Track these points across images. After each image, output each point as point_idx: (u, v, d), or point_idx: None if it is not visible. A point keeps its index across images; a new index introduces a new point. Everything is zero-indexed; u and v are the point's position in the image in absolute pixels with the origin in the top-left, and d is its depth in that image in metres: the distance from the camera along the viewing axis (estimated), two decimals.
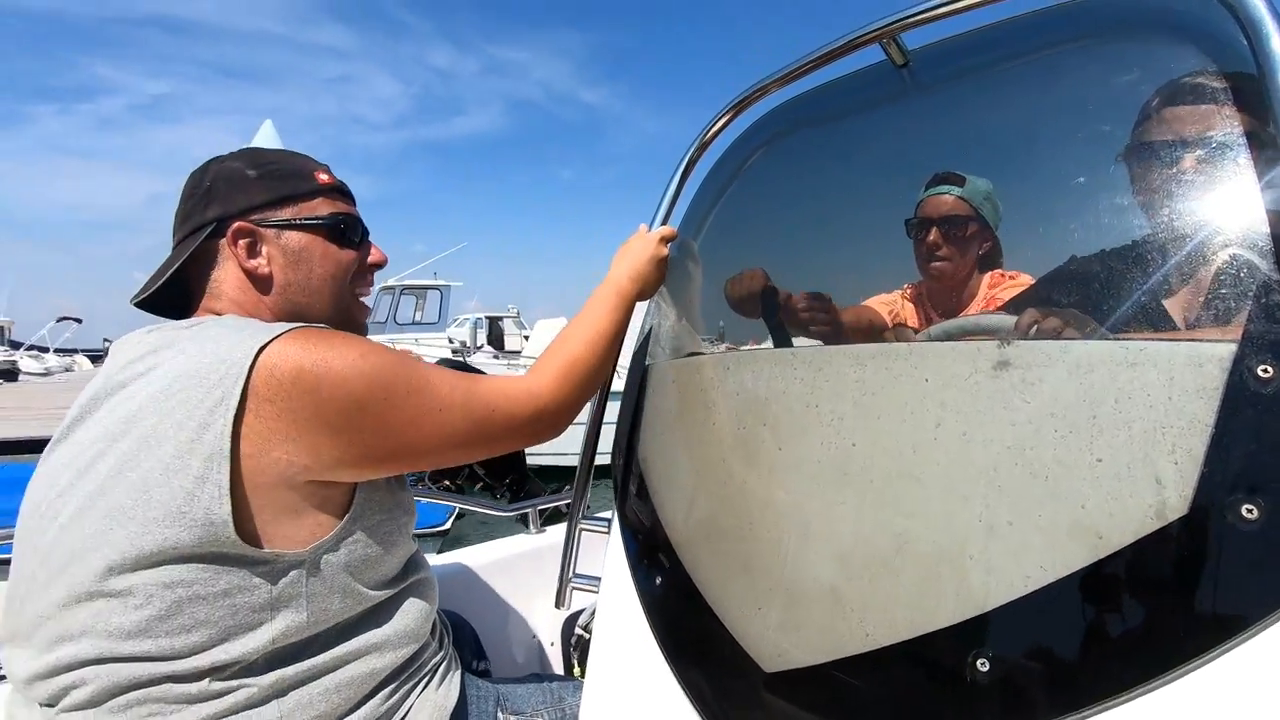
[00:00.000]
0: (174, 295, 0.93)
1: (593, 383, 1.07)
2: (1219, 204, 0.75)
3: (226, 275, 0.91)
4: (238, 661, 0.77)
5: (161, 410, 0.75)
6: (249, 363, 0.74)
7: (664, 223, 1.25)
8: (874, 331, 0.98)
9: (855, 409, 0.74)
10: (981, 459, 0.64)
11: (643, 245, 1.19)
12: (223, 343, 0.78)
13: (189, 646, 0.75)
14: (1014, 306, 0.98)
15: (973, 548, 0.63)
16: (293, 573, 0.79)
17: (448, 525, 6.48)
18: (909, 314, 1.06)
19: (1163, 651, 0.56)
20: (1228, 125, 0.73)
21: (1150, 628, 0.57)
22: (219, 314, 0.90)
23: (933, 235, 1.01)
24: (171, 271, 0.89)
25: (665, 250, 1.21)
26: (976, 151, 1.02)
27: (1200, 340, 0.60)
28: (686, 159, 1.25)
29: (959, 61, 1.00)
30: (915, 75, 1.03)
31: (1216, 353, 0.58)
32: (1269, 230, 0.62)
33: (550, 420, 0.98)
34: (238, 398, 0.73)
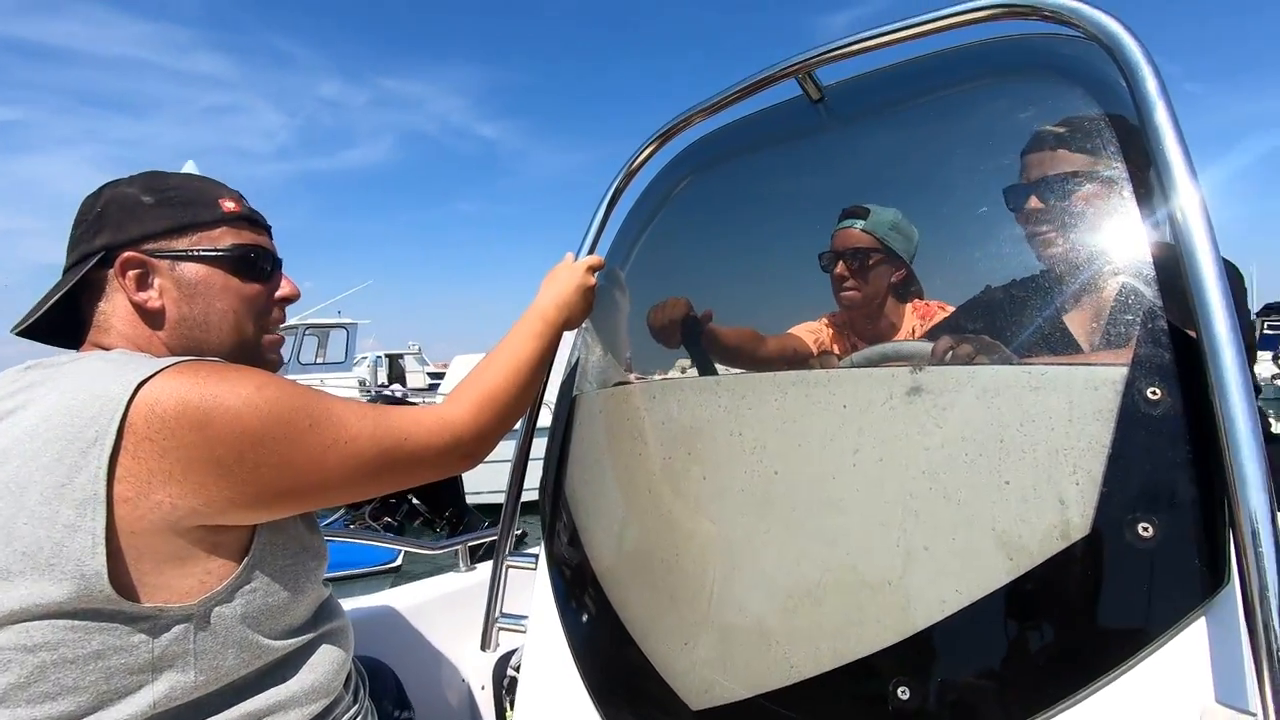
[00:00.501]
0: (63, 325, 0.86)
1: (513, 411, 1.03)
2: (1107, 236, 0.80)
3: (115, 308, 0.83)
4: None
5: (27, 453, 0.68)
6: (127, 398, 0.69)
7: (590, 251, 1.24)
8: (798, 359, 1.00)
9: (777, 436, 0.74)
10: (898, 485, 0.65)
11: (569, 274, 1.17)
12: (100, 378, 0.71)
13: (53, 717, 0.67)
14: (931, 334, 1.02)
15: (892, 574, 0.64)
16: (177, 628, 0.72)
17: (398, 562, 6.23)
18: (831, 341, 1.08)
19: (1073, 669, 0.57)
20: (1111, 162, 0.78)
21: (1059, 647, 0.59)
22: (106, 348, 0.83)
23: (839, 267, 1.03)
24: (52, 301, 0.82)
25: (592, 279, 1.20)
26: (888, 182, 1.06)
27: (1095, 364, 0.63)
28: (613, 188, 1.25)
29: (870, 97, 1.04)
30: (830, 109, 1.06)
31: (1110, 376, 0.61)
32: (1151, 260, 0.66)
33: (466, 450, 0.93)
34: (113, 437, 0.67)
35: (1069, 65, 0.81)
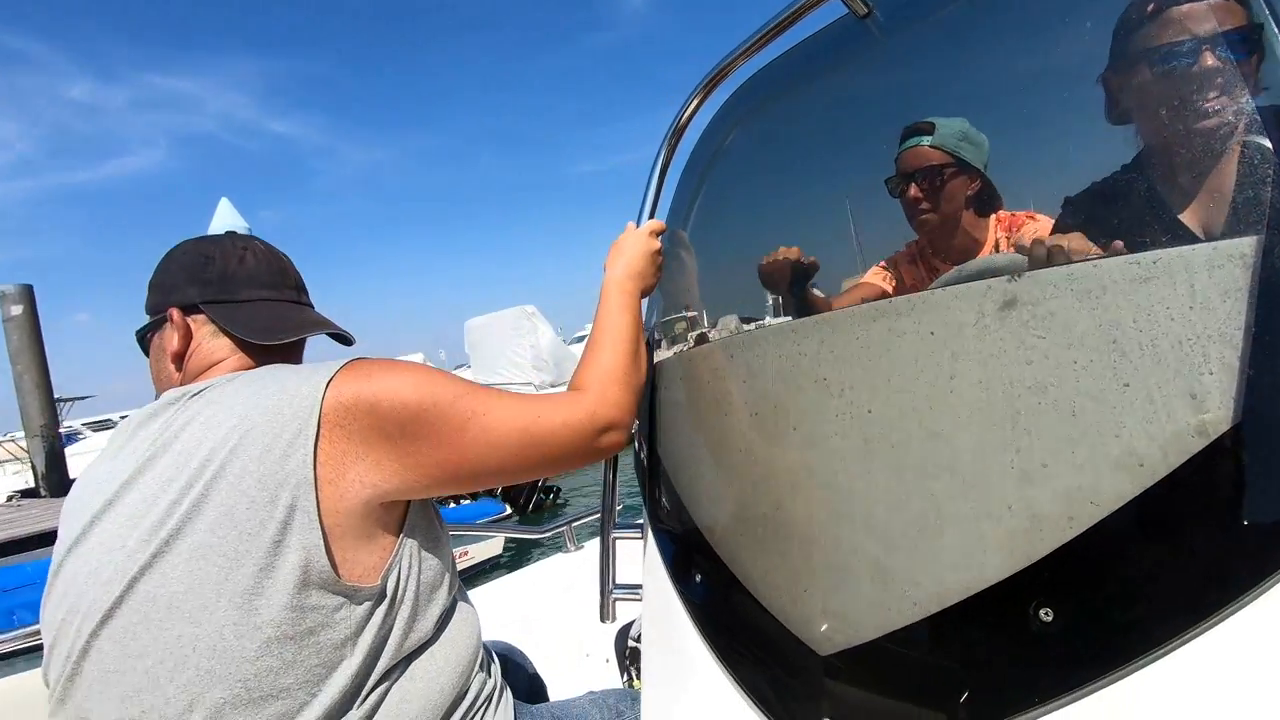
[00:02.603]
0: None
1: (634, 380, 1.05)
2: (1215, 103, 0.71)
3: (221, 343, 0.96)
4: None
5: (232, 449, 0.77)
6: (320, 395, 0.80)
7: (650, 216, 1.22)
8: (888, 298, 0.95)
9: (864, 374, 0.71)
10: (1003, 405, 0.61)
11: (635, 241, 1.17)
12: (288, 383, 0.82)
13: (279, 688, 0.75)
14: (1020, 245, 0.95)
15: (1010, 497, 0.60)
16: (367, 603, 0.81)
17: (498, 551, 6.83)
18: (910, 275, 1.02)
19: (1237, 573, 0.52)
20: (1209, 22, 0.69)
21: (1217, 549, 0.54)
22: (223, 372, 0.93)
23: (912, 190, 0.97)
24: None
25: (658, 243, 1.19)
26: (953, 91, 0.98)
27: (1217, 240, 0.57)
28: (663, 150, 1.23)
29: (918, 3, 0.97)
30: (880, 24, 1.00)
31: (1237, 249, 0.55)
32: (1270, 119, 0.59)
33: (603, 421, 0.97)
34: (315, 427, 0.78)
35: None
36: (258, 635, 0.74)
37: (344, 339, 1.09)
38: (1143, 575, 0.56)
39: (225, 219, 1.09)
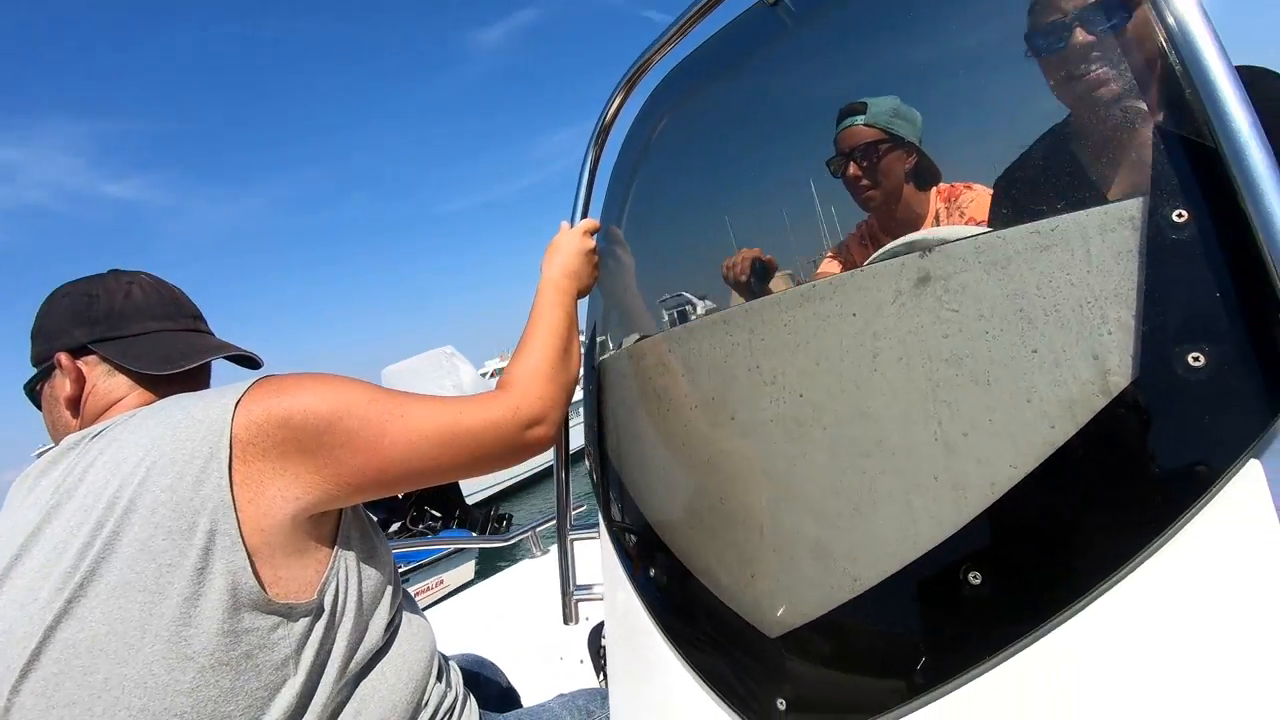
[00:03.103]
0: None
1: (564, 377, 1.05)
2: (1103, 74, 0.74)
3: (117, 383, 0.93)
4: None
5: (141, 480, 0.75)
6: (229, 417, 0.78)
7: (583, 216, 1.22)
8: None
9: (793, 360, 0.73)
10: (923, 380, 0.63)
11: (569, 240, 1.17)
12: (192, 409, 0.80)
13: (220, 716, 0.74)
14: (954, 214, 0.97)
15: (936, 468, 0.62)
16: (304, 620, 0.80)
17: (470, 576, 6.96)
18: (861, 256, 1.04)
19: (1146, 517, 0.55)
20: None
21: (1128, 498, 0.56)
22: (123, 410, 0.90)
23: (851, 169, 1.00)
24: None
25: (592, 242, 1.19)
26: (872, 71, 1.00)
27: (1108, 203, 0.59)
28: (590, 149, 1.23)
29: None
30: (790, 10, 1.01)
31: (1125, 212, 0.57)
32: (1155, 79, 0.61)
33: (528, 418, 0.96)
34: (227, 449, 0.77)
35: None
36: (191, 666, 0.72)
37: (251, 362, 1.05)
38: (1062, 530, 0.58)
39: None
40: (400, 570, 0.98)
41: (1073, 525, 0.57)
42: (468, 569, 7.39)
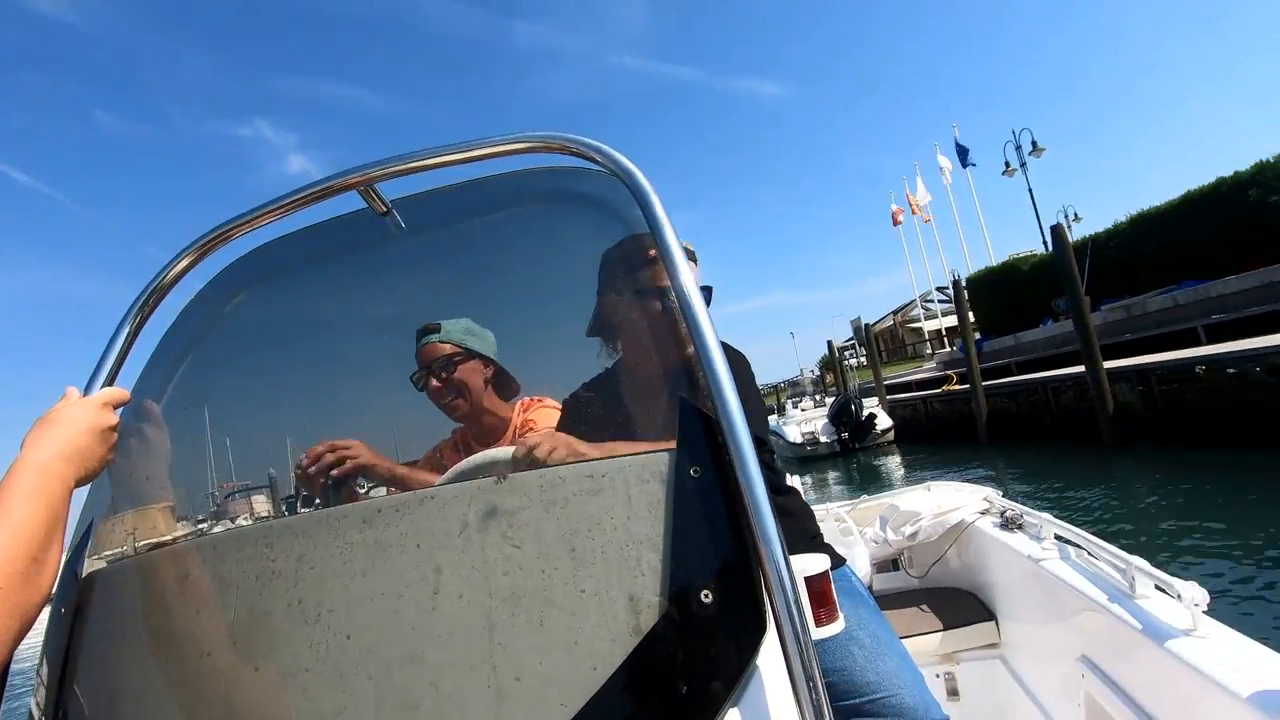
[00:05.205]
0: None
1: (24, 603, 0.71)
2: (648, 338, 0.91)
3: None
4: None
5: None
6: None
7: (110, 383, 0.98)
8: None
9: (345, 595, 0.65)
10: (481, 618, 0.61)
11: (81, 412, 0.89)
12: None
13: None
14: (526, 432, 1.04)
15: (488, 716, 0.58)
16: None
17: None
18: (453, 461, 1.03)
19: None
20: (645, 274, 0.91)
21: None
22: None
23: (432, 381, 1.04)
24: None
25: (113, 418, 0.94)
26: (460, 293, 1.08)
27: (647, 453, 0.69)
28: (138, 308, 1.02)
29: (434, 212, 1.05)
30: (398, 222, 1.04)
31: (660, 465, 0.67)
32: (681, 355, 0.76)
33: None
34: None
35: (597, 191, 0.92)
36: None
37: None
38: None
39: None
40: None
41: None
42: None
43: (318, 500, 0.93)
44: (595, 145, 0.87)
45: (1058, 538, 1.91)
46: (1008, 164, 24.21)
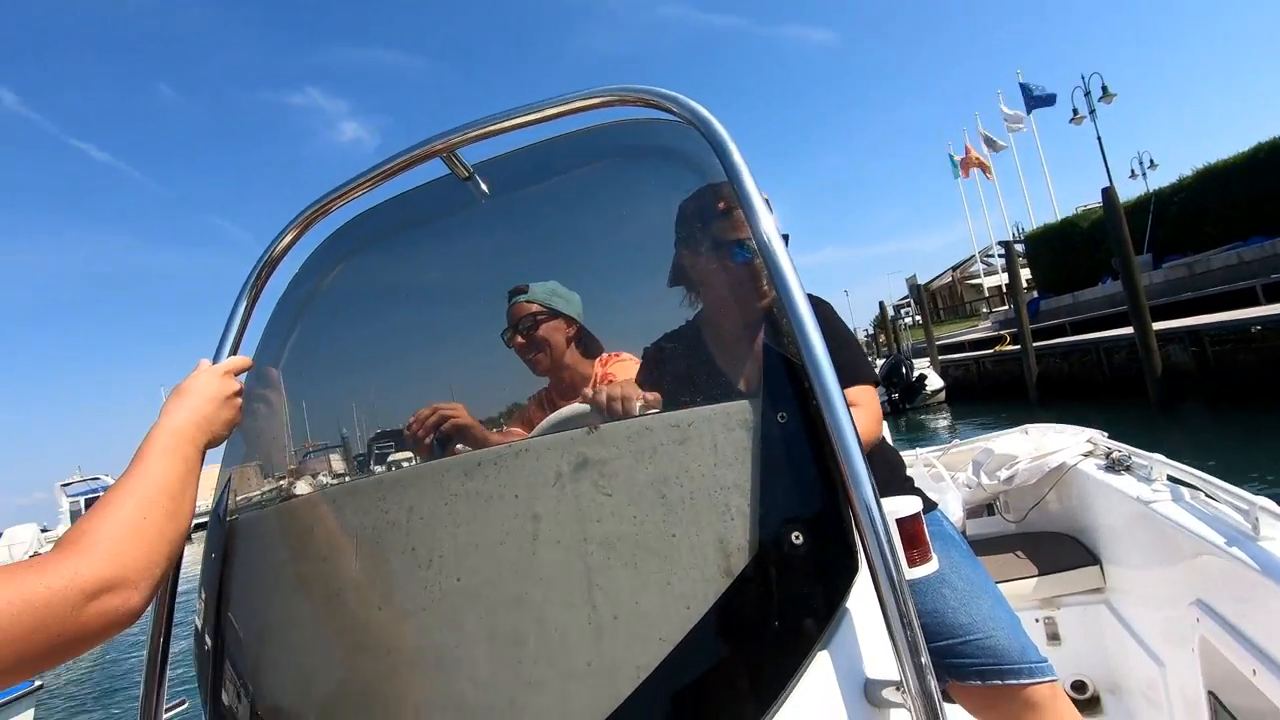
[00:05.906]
0: None
1: (166, 541, 0.81)
2: (728, 288, 0.91)
3: None
4: None
5: None
6: None
7: (233, 353, 1.07)
8: None
9: (452, 542, 0.70)
10: (579, 563, 0.65)
11: (205, 383, 0.98)
12: None
13: None
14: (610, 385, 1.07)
15: (590, 654, 0.62)
16: None
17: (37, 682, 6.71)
18: (538, 417, 1.08)
19: (765, 684, 0.61)
20: (723, 224, 0.90)
21: (749, 673, 0.63)
22: None
23: (519, 339, 1.08)
24: None
25: (237, 384, 1.03)
26: (544, 252, 1.11)
27: (732, 403, 0.70)
28: (252, 281, 1.10)
29: (515, 172, 1.07)
30: (480, 186, 1.07)
31: (744, 413, 0.68)
32: (763, 304, 0.76)
33: (114, 596, 0.70)
34: None
35: (674, 142, 0.92)
36: None
37: None
38: (699, 709, 0.62)
39: None
40: None
41: (706, 703, 0.62)
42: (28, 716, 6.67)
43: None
44: (672, 95, 0.86)
45: (1171, 479, 1.81)
46: (1075, 111, 21.60)
